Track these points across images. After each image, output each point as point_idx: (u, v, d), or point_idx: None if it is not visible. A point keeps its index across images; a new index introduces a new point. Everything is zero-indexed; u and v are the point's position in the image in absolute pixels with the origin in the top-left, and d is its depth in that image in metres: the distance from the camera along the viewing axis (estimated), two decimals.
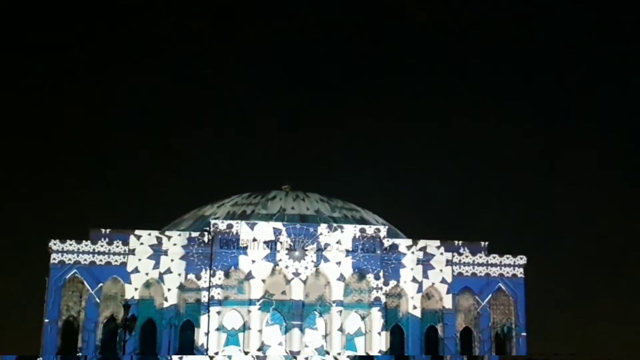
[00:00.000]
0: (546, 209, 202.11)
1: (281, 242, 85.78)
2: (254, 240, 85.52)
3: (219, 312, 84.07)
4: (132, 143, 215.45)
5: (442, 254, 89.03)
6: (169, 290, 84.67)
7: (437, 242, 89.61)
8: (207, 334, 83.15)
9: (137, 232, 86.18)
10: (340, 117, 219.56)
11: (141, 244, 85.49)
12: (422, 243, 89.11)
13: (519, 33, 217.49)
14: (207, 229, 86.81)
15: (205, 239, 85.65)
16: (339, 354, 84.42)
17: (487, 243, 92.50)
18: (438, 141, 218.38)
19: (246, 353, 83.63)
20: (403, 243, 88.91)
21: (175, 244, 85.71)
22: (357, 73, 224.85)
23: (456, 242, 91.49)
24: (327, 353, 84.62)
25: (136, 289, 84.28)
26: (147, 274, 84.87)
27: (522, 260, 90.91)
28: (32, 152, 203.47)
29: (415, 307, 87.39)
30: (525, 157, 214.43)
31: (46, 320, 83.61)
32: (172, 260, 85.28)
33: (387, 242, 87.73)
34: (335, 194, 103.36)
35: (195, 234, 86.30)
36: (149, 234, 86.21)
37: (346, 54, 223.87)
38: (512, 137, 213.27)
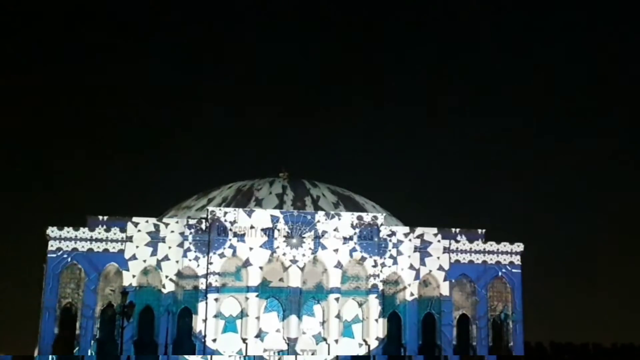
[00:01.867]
0: (544, 198, 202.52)
1: (279, 230, 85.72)
2: (252, 227, 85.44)
3: (216, 299, 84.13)
4: (129, 131, 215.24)
5: (439, 241, 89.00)
6: (166, 277, 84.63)
7: (435, 230, 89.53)
8: (204, 320, 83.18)
9: (134, 219, 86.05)
10: (339, 105, 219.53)
11: (139, 231, 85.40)
12: (419, 230, 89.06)
13: (518, 31, 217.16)
14: (205, 216, 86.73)
15: (203, 226, 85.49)
16: (337, 340, 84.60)
17: (484, 230, 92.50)
18: (437, 130, 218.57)
19: (244, 340, 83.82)
20: (400, 230, 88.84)
21: (172, 231, 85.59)
22: (357, 61, 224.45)
23: (453, 229, 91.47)
24: (325, 340, 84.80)
25: (134, 276, 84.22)
26: (144, 261, 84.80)
27: (519, 247, 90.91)
28: (30, 140, 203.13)
29: (412, 294, 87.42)
30: (524, 146, 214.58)
31: (44, 307, 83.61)
32: (169, 247, 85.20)
33: (384, 230, 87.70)
34: (333, 181, 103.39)
35: (192, 221, 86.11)
36: (147, 221, 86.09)
37: (346, 42, 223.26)
38: (511, 127, 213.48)
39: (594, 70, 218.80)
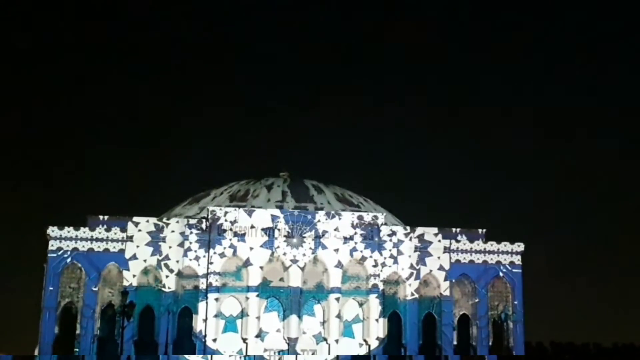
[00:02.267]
0: (544, 198, 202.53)
1: (279, 229, 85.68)
2: (252, 227, 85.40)
3: (217, 299, 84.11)
4: (129, 131, 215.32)
5: (439, 241, 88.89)
6: (167, 277, 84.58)
7: (435, 229, 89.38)
8: (205, 320, 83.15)
9: (135, 218, 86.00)
10: (340, 105, 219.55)
11: (139, 230, 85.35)
12: (419, 230, 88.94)
13: (518, 30, 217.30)
14: (205, 215, 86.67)
15: (203, 226, 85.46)
16: (337, 340, 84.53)
17: (484, 230, 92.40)
18: (438, 130, 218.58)
19: (244, 340, 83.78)
20: (401, 230, 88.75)
21: (173, 231, 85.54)
22: (357, 61, 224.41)
23: (454, 229, 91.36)
24: (325, 340, 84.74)
25: (134, 276, 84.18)
26: (145, 260, 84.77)
27: (519, 247, 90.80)
28: (30, 140, 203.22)
29: (412, 294, 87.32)
30: (524, 146, 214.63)
31: (44, 307, 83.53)
32: (170, 247, 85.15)
33: (384, 229, 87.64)
34: (333, 181, 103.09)
35: (193, 221, 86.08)
36: (147, 221, 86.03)
37: (346, 41, 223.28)
38: (511, 127, 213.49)
39: (593, 70, 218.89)
